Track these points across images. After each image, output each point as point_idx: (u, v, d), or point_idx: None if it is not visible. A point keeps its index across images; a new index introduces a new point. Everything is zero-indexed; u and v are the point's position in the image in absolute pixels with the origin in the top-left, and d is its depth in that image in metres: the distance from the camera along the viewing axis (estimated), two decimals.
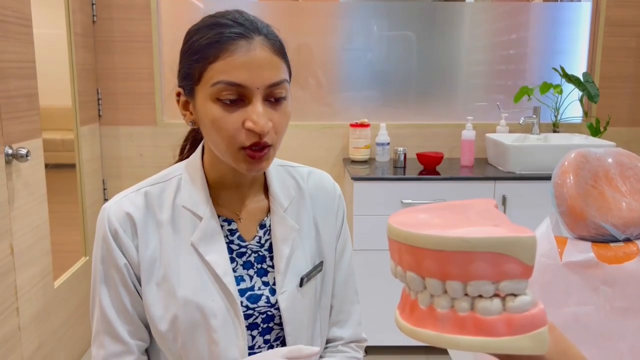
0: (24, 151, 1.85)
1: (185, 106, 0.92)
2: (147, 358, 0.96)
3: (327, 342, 1.07)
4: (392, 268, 0.60)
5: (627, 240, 1.17)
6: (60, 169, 2.51)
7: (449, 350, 1.43)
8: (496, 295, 0.55)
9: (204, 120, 0.87)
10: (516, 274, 0.54)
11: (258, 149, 0.85)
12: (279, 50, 0.86)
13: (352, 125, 2.73)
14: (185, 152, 1.06)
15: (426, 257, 0.54)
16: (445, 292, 0.55)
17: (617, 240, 1.17)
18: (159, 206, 0.93)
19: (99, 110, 2.78)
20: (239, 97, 0.83)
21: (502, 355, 0.61)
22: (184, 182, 0.95)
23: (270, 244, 0.97)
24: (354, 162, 2.73)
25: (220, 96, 0.83)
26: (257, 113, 0.82)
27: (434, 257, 0.54)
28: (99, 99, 2.77)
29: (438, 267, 0.54)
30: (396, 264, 0.59)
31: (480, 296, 0.55)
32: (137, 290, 0.92)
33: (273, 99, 0.86)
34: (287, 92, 0.88)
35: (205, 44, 0.84)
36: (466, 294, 0.55)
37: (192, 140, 1.05)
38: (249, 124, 0.83)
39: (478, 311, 0.55)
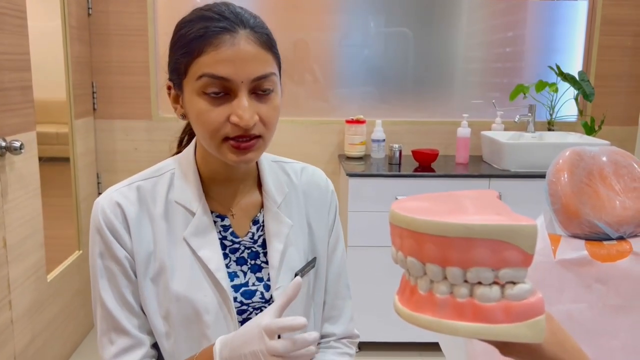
0: (17, 144, 1.84)
1: (175, 99, 0.92)
2: (156, 353, 0.94)
3: (320, 338, 1.07)
4: (392, 254, 0.61)
5: (621, 238, 1.18)
6: (54, 162, 2.50)
7: (441, 345, 1.44)
8: (495, 282, 0.56)
9: (191, 114, 0.87)
10: (516, 262, 0.54)
11: (244, 140, 0.84)
12: (266, 43, 0.85)
13: (347, 122, 2.72)
14: (183, 145, 1.06)
15: (427, 242, 0.55)
16: (445, 278, 0.56)
17: (610, 239, 1.17)
18: (152, 201, 0.92)
19: (94, 103, 2.77)
20: (224, 91, 0.83)
21: (499, 342, 0.62)
22: (176, 177, 0.94)
23: (264, 240, 0.97)
24: (349, 158, 2.72)
25: (206, 90, 0.83)
26: (243, 107, 0.82)
27: (435, 243, 0.54)
28: (94, 92, 2.76)
29: (439, 252, 0.54)
30: (397, 250, 0.60)
31: (480, 283, 0.55)
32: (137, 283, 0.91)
33: (260, 92, 0.85)
34: (276, 85, 0.87)
35: (191, 38, 0.84)
36: (466, 281, 0.55)
37: (190, 133, 1.04)
38: (234, 119, 0.83)
39: (477, 298, 0.55)
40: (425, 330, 0.56)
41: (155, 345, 0.93)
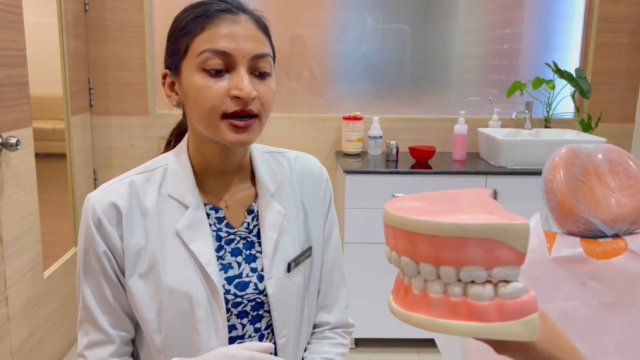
0: (13, 140, 1.84)
1: (171, 87, 0.93)
2: (131, 349, 0.96)
3: (314, 327, 1.07)
4: (387, 253, 0.61)
5: (616, 236, 1.18)
6: (50, 158, 2.49)
7: (436, 342, 1.44)
8: (488, 281, 0.56)
9: (189, 93, 0.88)
10: (509, 261, 0.55)
11: (242, 118, 0.86)
12: (264, 29, 0.90)
13: (345, 118, 2.72)
14: (170, 146, 1.06)
15: (421, 242, 0.55)
16: (439, 277, 0.56)
17: (605, 236, 1.18)
18: (144, 195, 0.92)
19: (91, 99, 2.76)
20: (224, 67, 0.85)
21: (492, 341, 0.62)
22: (170, 171, 0.94)
23: (259, 229, 0.97)
24: (346, 155, 2.73)
25: (206, 66, 0.85)
26: (243, 80, 0.84)
27: (428, 242, 0.54)
28: (90, 89, 2.75)
29: (432, 252, 0.55)
30: (391, 249, 0.60)
31: (473, 282, 0.56)
32: (119, 281, 0.92)
33: (257, 72, 0.87)
34: (272, 69, 0.90)
35: (192, 18, 0.87)
36: (459, 280, 0.56)
37: (177, 135, 1.05)
38: (234, 92, 0.84)
39: (470, 296, 0.55)
40: (420, 329, 0.57)
41: (129, 343, 0.96)
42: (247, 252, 0.96)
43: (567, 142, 1.31)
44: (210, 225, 0.94)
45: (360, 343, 2.57)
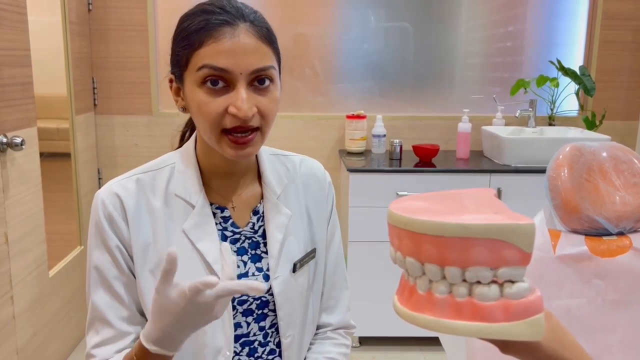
0: (18, 140, 1.84)
1: (177, 92, 0.93)
2: None
3: (317, 328, 1.08)
4: (391, 254, 0.61)
5: (620, 233, 1.18)
6: (55, 157, 2.50)
7: (441, 340, 1.44)
8: (494, 281, 0.56)
9: (191, 106, 0.88)
10: (514, 261, 0.54)
11: (241, 135, 0.86)
12: (265, 36, 0.87)
13: (348, 117, 2.72)
14: (185, 139, 1.07)
15: (425, 242, 0.55)
16: (444, 277, 0.56)
17: (610, 234, 1.17)
18: (152, 193, 0.93)
19: (94, 99, 2.77)
20: (223, 83, 0.84)
21: (498, 341, 0.62)
22: (177, 170, 0.95)
23: (264, 230, 0.98)
24: (349, 153, 2.73)
25: (205, 81, 0.84)
26: (241, 99, 0.83)
27: (433, 243, 0.54)
28: (94, 88, 2.76)
29: (437, 252, 0.55)
30: (396, 250, 0.60)
31: (478, 282, 0.56)
32: (132, 274, 0.92)
33: (258, 84, 0.86)
34: (274, 79, 0.89)
35: (192, 30, 0.85)
36: (464, 280, 0.56)
37: (192, 127, 1.05)
38: (232, 110, 0.84)
39: (476, 297, 0.55)
40: (425, 329, 0.57)
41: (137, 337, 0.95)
42: (253, 252, 0.97)
43: (571, 140, 1.30)
44: (215, 224, 0.95)
45: (364, 341, 2.57)
